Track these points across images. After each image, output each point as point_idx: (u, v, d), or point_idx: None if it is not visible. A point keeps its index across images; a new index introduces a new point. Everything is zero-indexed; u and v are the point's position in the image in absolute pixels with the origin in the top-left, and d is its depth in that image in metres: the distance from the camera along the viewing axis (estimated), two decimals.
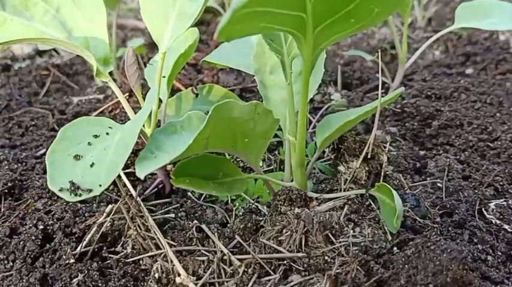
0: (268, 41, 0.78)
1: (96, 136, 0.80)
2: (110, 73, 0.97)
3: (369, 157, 0.95)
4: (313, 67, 0.68)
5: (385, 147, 1.01)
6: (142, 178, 0.69)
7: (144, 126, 0.96)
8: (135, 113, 0.98)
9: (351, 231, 0.86)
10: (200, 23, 0.95)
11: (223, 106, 0.71)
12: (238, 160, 1.12)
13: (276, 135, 1.07)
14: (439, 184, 1.06)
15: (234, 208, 1.01)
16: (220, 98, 1.14)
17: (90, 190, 0.71)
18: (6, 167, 1.16)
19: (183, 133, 0.77)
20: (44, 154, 1.24)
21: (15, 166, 1.17)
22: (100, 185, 0.70)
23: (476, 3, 1.35)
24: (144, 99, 0.95)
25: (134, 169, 0.71)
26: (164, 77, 0.97)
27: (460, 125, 1.29)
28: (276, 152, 1.19)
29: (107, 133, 0.81)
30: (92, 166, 0.74)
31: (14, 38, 0.84)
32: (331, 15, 0.57)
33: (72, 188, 0.71)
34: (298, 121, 0.82)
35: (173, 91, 1.40)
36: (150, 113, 0.93)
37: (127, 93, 1.32)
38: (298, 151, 0.86)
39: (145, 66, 1.68)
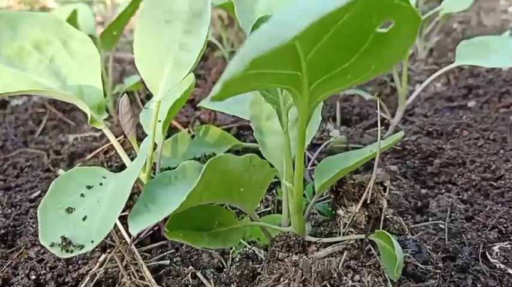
0: (263, 92, 0.77)
1: (89, 187, 0.78)
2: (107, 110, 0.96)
3: (368, 201, 0.93)
4: (309, 119, 0.67)
5: (385, 190, 0.99)
6: (135, 234, 0.67)
7: None
8: (130, 156, 0.97)
9: (350, 281, 0.84)
10: None
11: (218, 160, 0.69)
12: None
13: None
14: (441, 225, 1.04)
15: (230, 251, 0.99)
16: (217, 139, 1.13)
17: (82, 246, 0.69)
18: (0, 213, 1.14)
19: (177, 184, 0.75)
20: (39, 196, 1.22)
21: (9, 210, 1.15)
22: (92, 241, 0.68)
23: (478, 40, 1.33)
24: (139, 145, 0.94)
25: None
26: (160, 121, 0.96)
27: (462, 163, 1.27)
28: (274, 191, 1.17)
29: (101, 183, 0.79)
30: (84, 219, 0.72)
31: (7, 90, 0.83)
32: (326, 72, 0.56)
33: (64, 243, 0.69)
34: (295, 168, 0.80)
35: (170, 129, 1.39)
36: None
37: (123, 136, 1.31)
38: (296, 197, 0.84)
39: (142, 103, 1.68)
